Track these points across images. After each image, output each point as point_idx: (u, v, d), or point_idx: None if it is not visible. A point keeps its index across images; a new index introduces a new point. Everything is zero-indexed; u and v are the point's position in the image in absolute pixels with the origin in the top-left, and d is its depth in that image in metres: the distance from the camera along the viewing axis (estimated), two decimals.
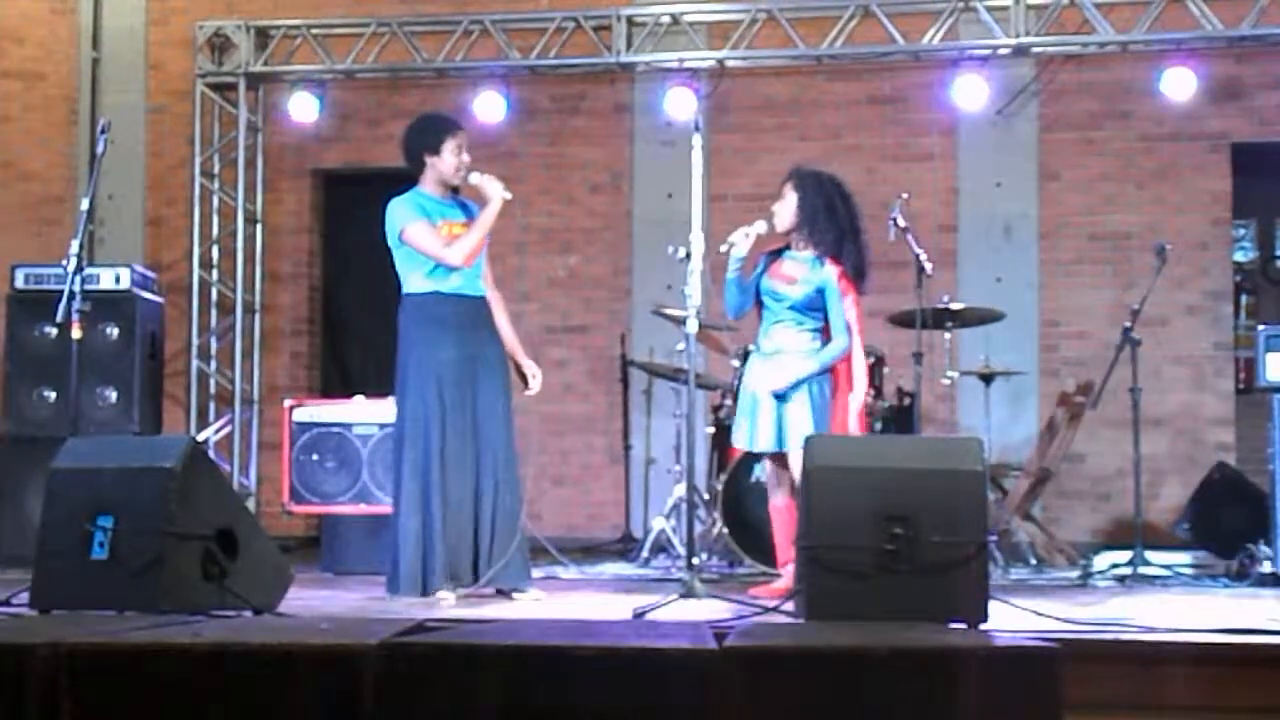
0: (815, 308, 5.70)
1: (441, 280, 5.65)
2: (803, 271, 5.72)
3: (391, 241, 5.73)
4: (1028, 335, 8.86)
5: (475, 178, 5.67)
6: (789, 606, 4.60)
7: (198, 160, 9.38)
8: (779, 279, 5.75)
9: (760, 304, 5.81)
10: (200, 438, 8.77)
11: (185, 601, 4.31)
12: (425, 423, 5.54)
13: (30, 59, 9.84)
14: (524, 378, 5.76)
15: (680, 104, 8.78)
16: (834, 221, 5.73)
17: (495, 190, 5.60)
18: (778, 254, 5.82)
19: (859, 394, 5.75)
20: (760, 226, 5.70)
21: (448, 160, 5.71)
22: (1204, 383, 8.90)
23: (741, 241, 5.64)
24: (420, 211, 5.67)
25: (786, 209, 5.76)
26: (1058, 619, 4.41)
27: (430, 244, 5.62)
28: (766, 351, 5.76)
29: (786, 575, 5.63)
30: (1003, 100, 8.95)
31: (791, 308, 5.71)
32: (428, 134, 5.80)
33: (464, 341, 5.60)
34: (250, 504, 8.96)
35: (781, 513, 5.70)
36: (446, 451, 5.51)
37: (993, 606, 4.31)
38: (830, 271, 5.68)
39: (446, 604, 5.34)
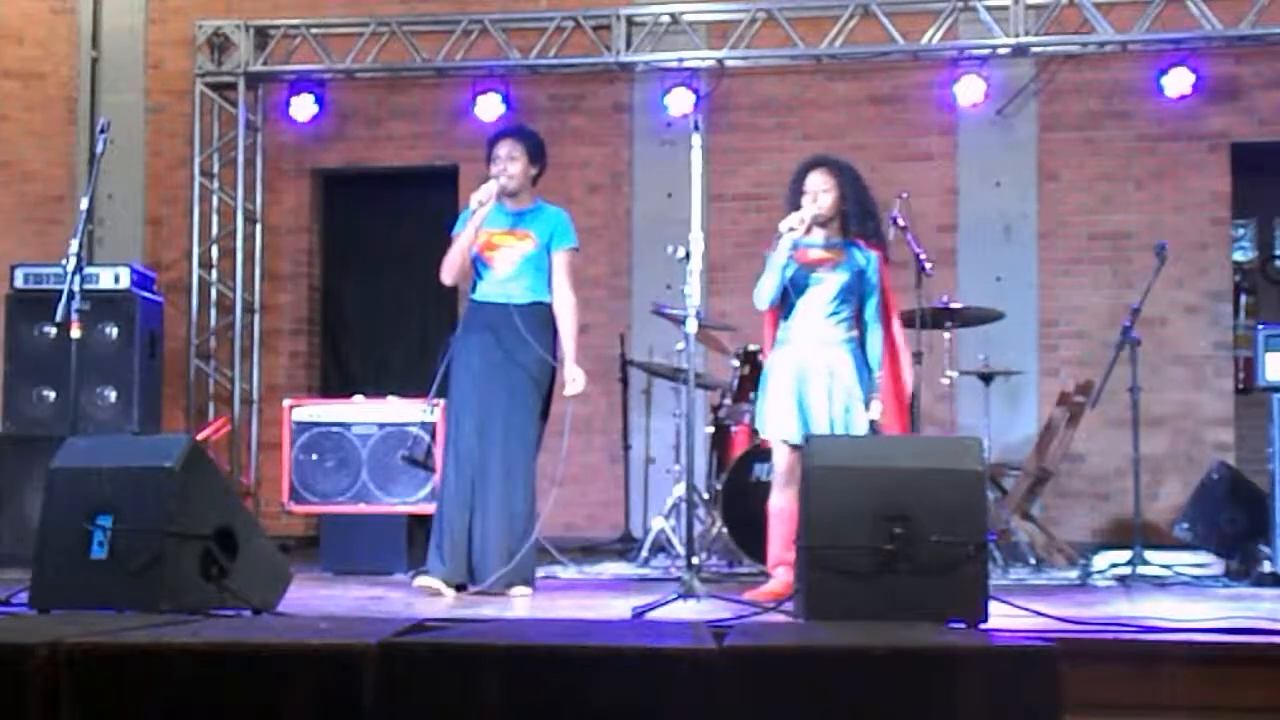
0: (854, 293, 5.66)
1: (476, 288, 5.87)
2: (841, 257, 5.67)
3: None
4: (1027, 335, 8.86)
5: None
6: (788, 606, 4.60)
7: (197, 160, 9.38)
8: (820, 265, 5.66)
9: (785, 292, 5.72)
10: (199, 437, 8.77)
11: (185, 601, 4.31)
12: (447, 425, 5.88)
13: (30, 59, 9.84)
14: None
15: (679, 104, 8.79)
16: (874, 209, 5.76)
17: (473, 201, 5.75)
18: (799, 244, 5.72)
19: (907, 380, 5.75)
20: (810, 212, 5.64)
21: (492, 171, 5.88)
22: (1203, 382, 8.90)
23: (799, 226, 5.59)
24: (461, 223, 5.89)
25: (828, 199, 5.69)
26: (1057, 619, 4.41)
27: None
28: (803, 342, 5.65)
29: (776, 577, 5.61)
30: (1002, 100, 8.95)
31: (832, 294, 5.63)
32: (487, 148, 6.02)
33: (488, 347, 5.74)
34: (250, 504, 8.96)
35: (785, 513, 5.66)
36: (459, 453, 5.70)
37: (993, 606, 4.31)
38: (875, 257, 5.67)
39: (443, 602, 5.40)
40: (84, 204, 5.64)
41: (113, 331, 7.54)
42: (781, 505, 5.64)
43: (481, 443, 5.67)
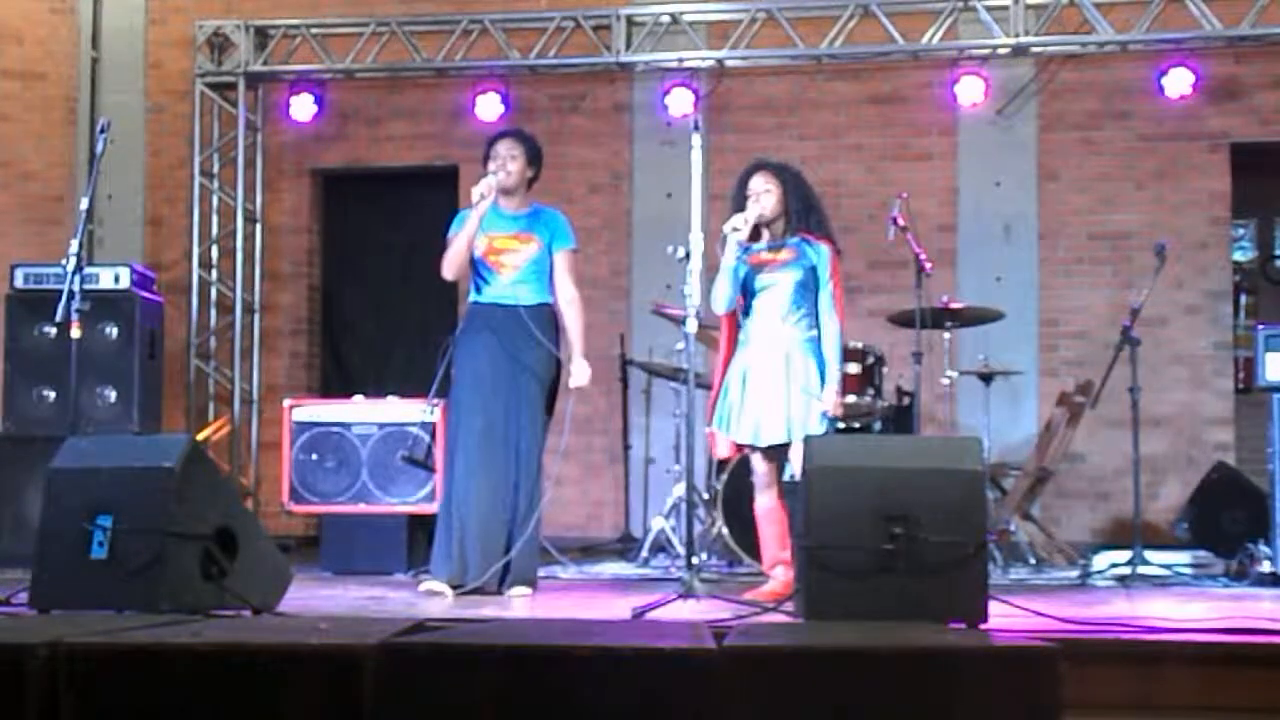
0: (809, 289, 5.67)
1: (477, 290, 5.86)
2: (793, 255, 5.69)
3: None
4: (1027, 335, 8.86)
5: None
6: (788, 606, 4.60)
7: (197, 160, 9.38)
8: (772, 266, 5.69)
9: (745, 296, 5.76)
10: (199, 437, 8.77)
11: (185, 601, 4.31)
12: (454, 425, 5.81)
13: (30, 59, 9.83)
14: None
15: (680, 104, 8.80)
16: (816, 205, 5.79)
17: (475, 193, 5.77)
18: (749, 248, 5.75)
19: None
20: (754, 212, 5.67)
21: (490, 169, 5.89)
22: (1203, 382, 8.90)
23: (743, 227, 5.61)
24: (460, 222, 5.88)
25: (770, 199, 5.72)
26: (1058, 619, 4.41)
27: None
28: (762, 344, 5.67)
29: (775, 578, 5.62)
30: (1002, 100, 8.95)
31: (788, 293, 5.65)
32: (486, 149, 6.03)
33: (494, 348, 5.75)
34: (250, 504, 8.96)
35: (772, 514, 5.68)
36: (468, 453, 5.68)
37: (993, 606, 4.31)
38: (825, 250, 5.69)
39: (440, 603, 5.41)
40: (84, 204, 5.64)
41: (113, 331, 7.53)
42: (767, 506, 5.69)
43: (488, 443, 5.67)
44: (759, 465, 5.70)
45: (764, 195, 5.71)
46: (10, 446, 7.37)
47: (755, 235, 5.73)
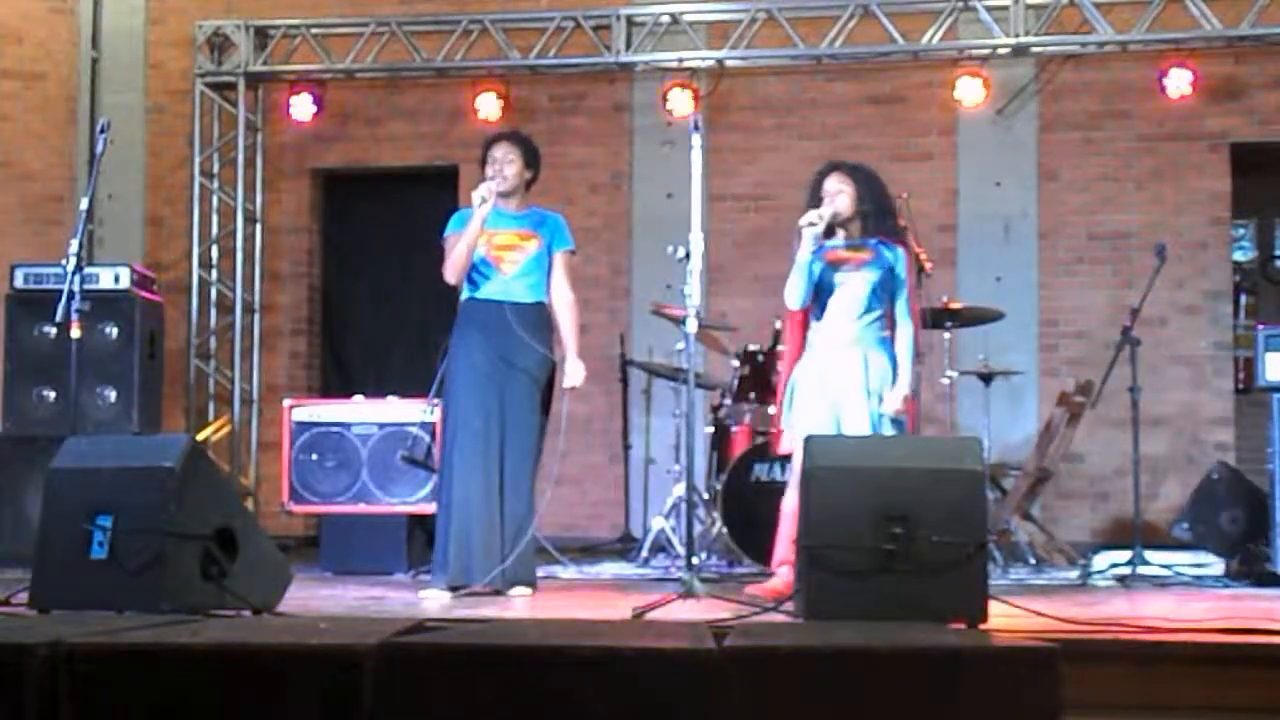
0: (886, 290, 5.65)
1: (473, 286, 5.83)
2: (872, 255, 5.66)
3: None
4: (1027, 335, 8.86)
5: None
6: (789, 606, 4.60)
7: (197, 160, 9.38)
8: (849, 264, 5.65)
9: (818, 295, 5.71)
10: (199, 437, 8.77)
11: (185, 601, 4.31)
12: (451, 424, 5.76)
13: (30, 59, 9.83)
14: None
15: (680, 104, 8.80)
16: (892, 209, 5.78)
17: (475, 197, 5.74)
18: (824, 245, 5.70)
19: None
20: (829, 210, 5.61)
21: (488, 173, 5.88)
22: (1203, 382, 8.90)
23: (819, 222, 5.55)
24: (457, 223, 5.86)
25: (845, 200, 5.69)
26: (1058, 619, 4.41)
27: (446, 258, 5.83)
28: (834, 343, 5.61)
29: (779, 575, 5.61)
30: (1002, 100, 8.96)
31: (864, 293, 5.62)
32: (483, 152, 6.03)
33: (490, 346, 5.73)
34: (250, 504, 8.96)
35: (796, 514, 5.63)
36: (464, 452, 5.66)
37: (993, 606, 4.31)
38: (902, 253, 5.69)
39: (440, 603, 5.41)
40: (84, 204, 5.63)
41: (113, 331, 7.53)
42: (795, 507, 5.62)
43: (486, 442, 5.66)
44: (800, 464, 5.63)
45: (838, 196, 5.67)
46: (10, 446, 7.37)
47: (830, 235, 5.69)
